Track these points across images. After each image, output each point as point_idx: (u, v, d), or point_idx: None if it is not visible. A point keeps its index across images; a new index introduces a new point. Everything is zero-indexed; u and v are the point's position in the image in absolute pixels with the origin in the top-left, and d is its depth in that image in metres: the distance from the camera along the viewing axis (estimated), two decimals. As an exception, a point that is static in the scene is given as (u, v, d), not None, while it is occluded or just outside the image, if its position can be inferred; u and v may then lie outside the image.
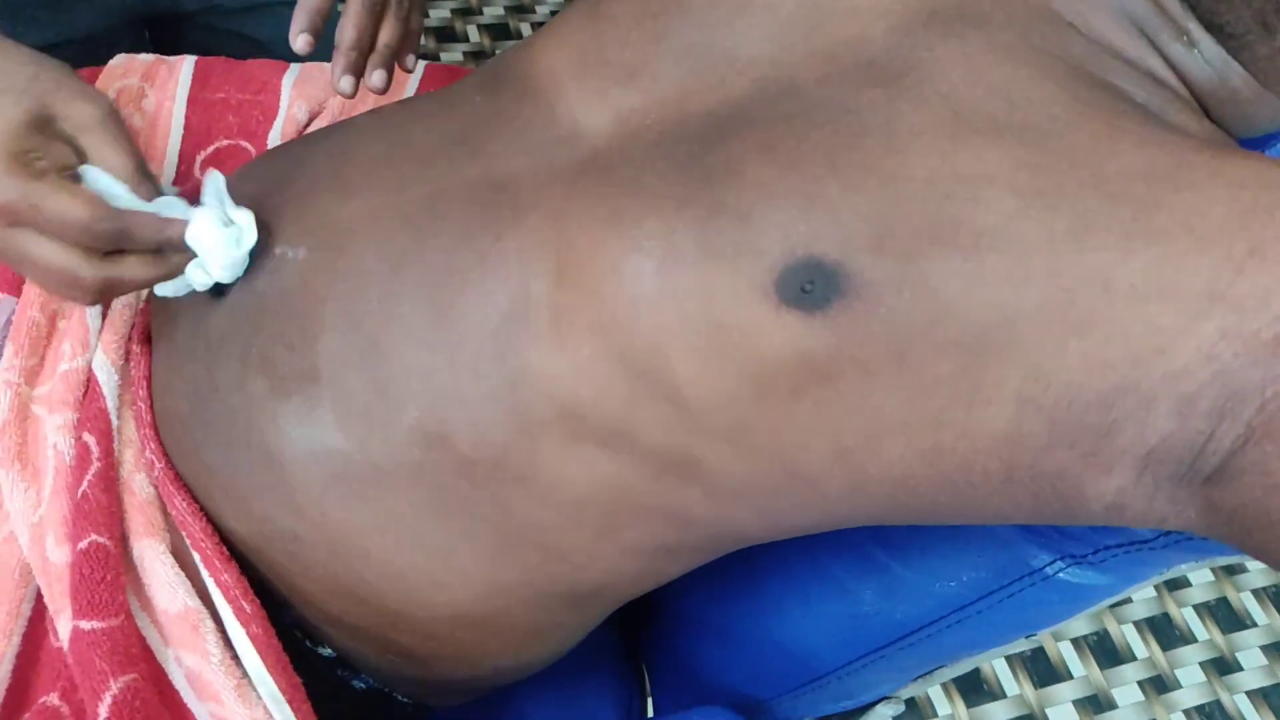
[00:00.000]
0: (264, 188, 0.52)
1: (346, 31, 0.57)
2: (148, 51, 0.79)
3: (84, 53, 0.82)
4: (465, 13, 2.07)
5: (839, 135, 0.41)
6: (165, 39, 0.91)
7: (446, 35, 2.02)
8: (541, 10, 2.10)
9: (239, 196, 0.50)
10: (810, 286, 0.39)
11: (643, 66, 0.47)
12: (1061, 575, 0.52)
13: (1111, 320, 0.37)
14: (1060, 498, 0.41)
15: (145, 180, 0.47)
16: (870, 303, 0.39)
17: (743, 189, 0.41)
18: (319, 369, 0.46)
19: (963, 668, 0.61)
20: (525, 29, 2.06)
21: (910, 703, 1.31)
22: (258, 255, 0.49)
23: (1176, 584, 1.47)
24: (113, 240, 0.46)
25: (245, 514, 0.49)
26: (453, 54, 1.98)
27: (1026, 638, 0.57)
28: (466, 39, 2.02)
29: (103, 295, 0.47)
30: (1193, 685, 1.37)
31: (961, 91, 0.41)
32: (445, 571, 0.48)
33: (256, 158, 0.58)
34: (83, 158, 0.47)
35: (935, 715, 1.31)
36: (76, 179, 0.46)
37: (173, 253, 0.48)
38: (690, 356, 0.41)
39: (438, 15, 2.05)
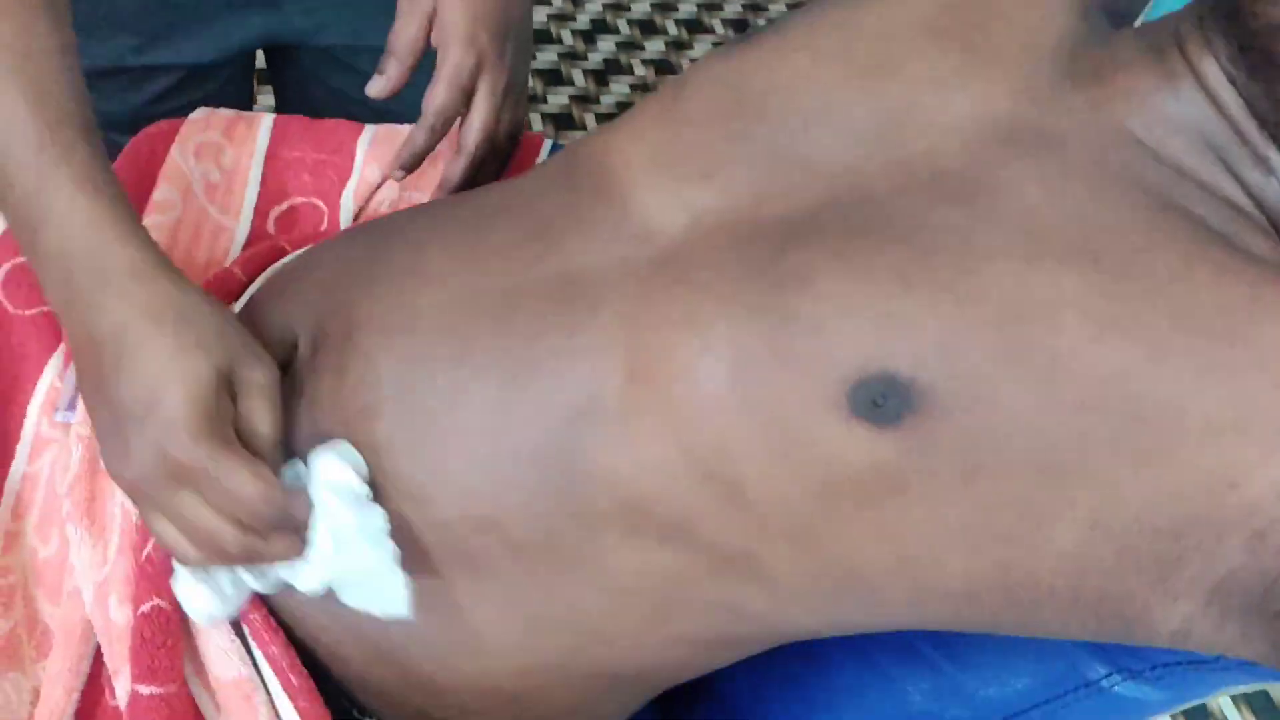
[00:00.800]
0: (337, 272, 0.52)
1: (426, 118, 0.60)
2: (254, 75, 0.81)
3: (196, 76, 0.84)
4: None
5: (913, 250, 0.41)
6: (277, 61, 0.92)
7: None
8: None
9: (313, 277, 0.51)
10: (883, 401, 0.39)
11: (718, 168, 0.47)
12: (1117, 689, 0.51)
13: (1185, 451, 0.37)
14: (1125, 621, 0.41)
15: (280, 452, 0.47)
16: (941, 419, 0.39)
17: (816, 299, 0.41)
18: (376, 447, 0.47)
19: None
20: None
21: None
22: (323, 336, 0.50)
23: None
24: (270, 524, 0.44)
25: (292, 596, 0.49)
26: None
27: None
28: None
29: (238, 563, 0.46)
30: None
31: (1037, 213, 0.41)
32: (483, 649, 0.49)
33: (329, 240, 0.59)
34: (237, 420, 0.45)
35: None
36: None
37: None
38: (757, 460, 0.42)
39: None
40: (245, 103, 0.95)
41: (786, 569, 0.44)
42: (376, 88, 0.63)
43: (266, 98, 1.04)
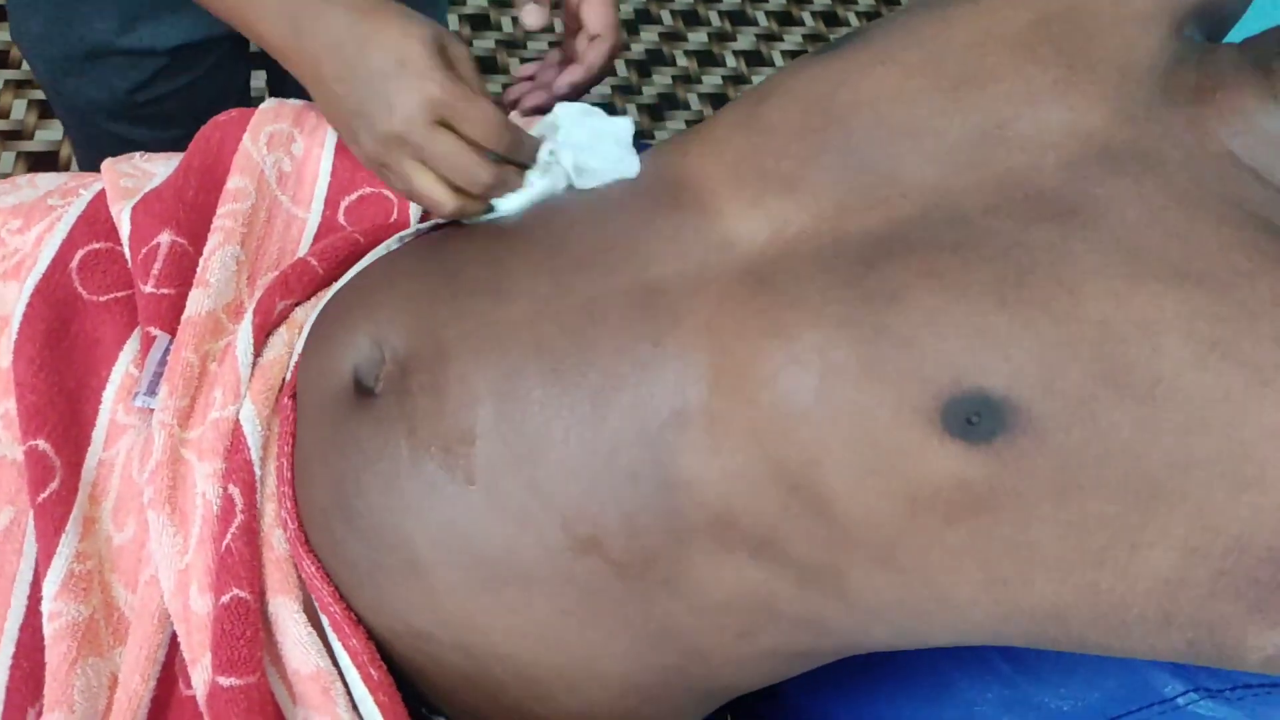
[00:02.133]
0: (419, 288, 0.52)
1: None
2: (247, 56, 0.82)
3: (183, 59, 0.84)
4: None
5: (1008, 269, 0.40)
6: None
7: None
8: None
9: (397, 291, 0.51)
10: (976, 419, 0.39)
11: (801, 180, 0.47)
12: (1193, 708, 0.51)
13: None
14: (1216, 646, 0.40)
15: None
16: (1036, 440, 0.39)
17: (908, 314, 0.41)
18: (474, 472, 0.46)
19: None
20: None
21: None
22: (412, 357, 0.50)
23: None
24: (510, 147, 0.53)
25: (378, 608, 0.50)
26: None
27: (1144, 763, 0.56)
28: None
29: (492, 193, 0.54)
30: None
31: (1137, 233, 0.40)
32: (583, 673, 0.48)
33: (405, 247, 0.59)
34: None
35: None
36: None
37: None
38: (845, 473, 0.41)
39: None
40: (241, 85, 0.96)
41: (871, 585, 0.43)
42: (533, 17, 0.65)
43: (258, 80, 1.04)
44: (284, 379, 0.57)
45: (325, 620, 0.50)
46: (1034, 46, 0.47)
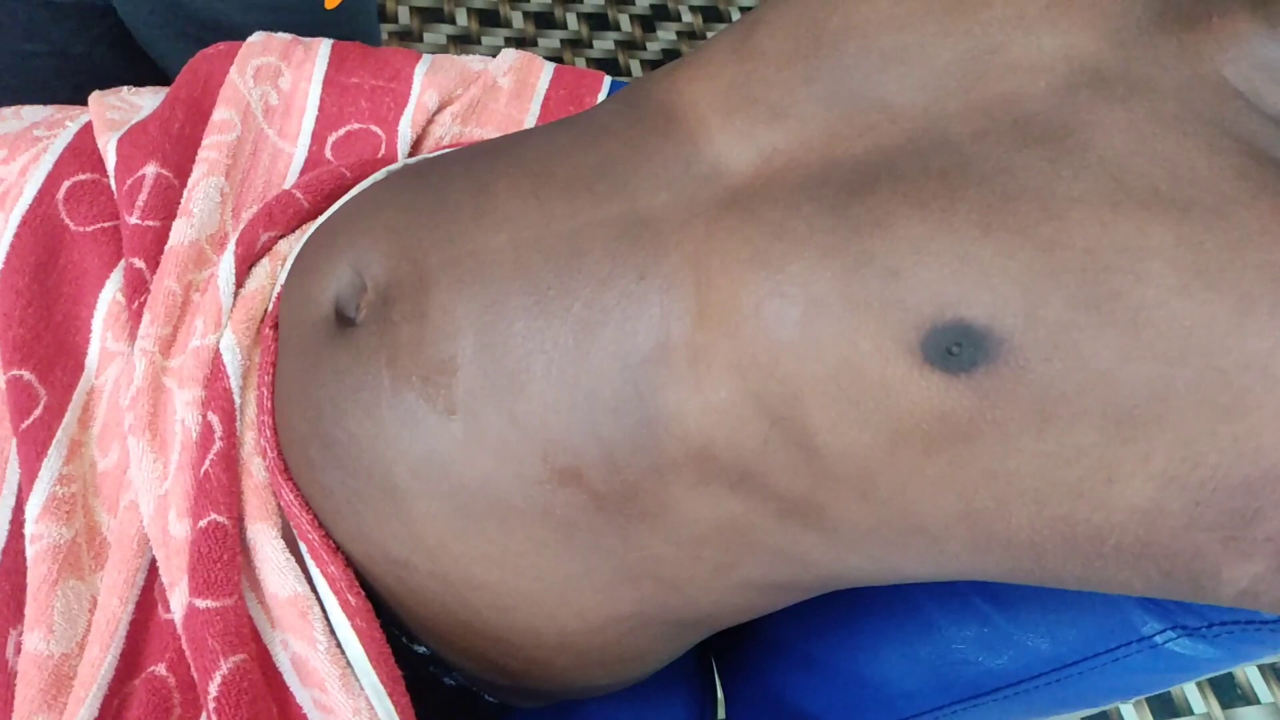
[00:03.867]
0: (403, 215, 0.52)
1: None
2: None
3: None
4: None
5: (994, 195, 0.40)
6: None
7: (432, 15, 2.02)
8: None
9: (379, 219, 0.50)
10: (958, 349, 0.39)
11: (790, 107, 0.46)
12: (1171, 645, 0.51)
13: (1266, 406, 0.36)
14: (1192, 579, 0.40)
15: None
16: (1018, 369, 0.38)
17: (892, 242, 0.40)
18: (455, 402, 0.46)
19: None
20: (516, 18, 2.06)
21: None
22: (394, 286, 0.49)
23: (1242, 642, 1.44)
24: None
25: (357, 536, 0.50)
26: (438, 35, 1.98)
27: (1120, 703, 0.57)
28: (453, 20, 2.01)
29: None
30: (1252, 748, 1.34)
31: (1125, 159, 0.40)
32: (560, 604, 0.49)
33: (390, 176, 0.58)
34: None
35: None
36: None
37: None
38: (826, 405, 0.41)
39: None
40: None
41: (850, 517, 0.43)
42: None
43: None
44: (266, 309, 0.57)
45: (304, 547, 0.50)
46: None
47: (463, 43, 1.98)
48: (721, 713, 0.76)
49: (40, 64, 0.88)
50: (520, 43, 2.02)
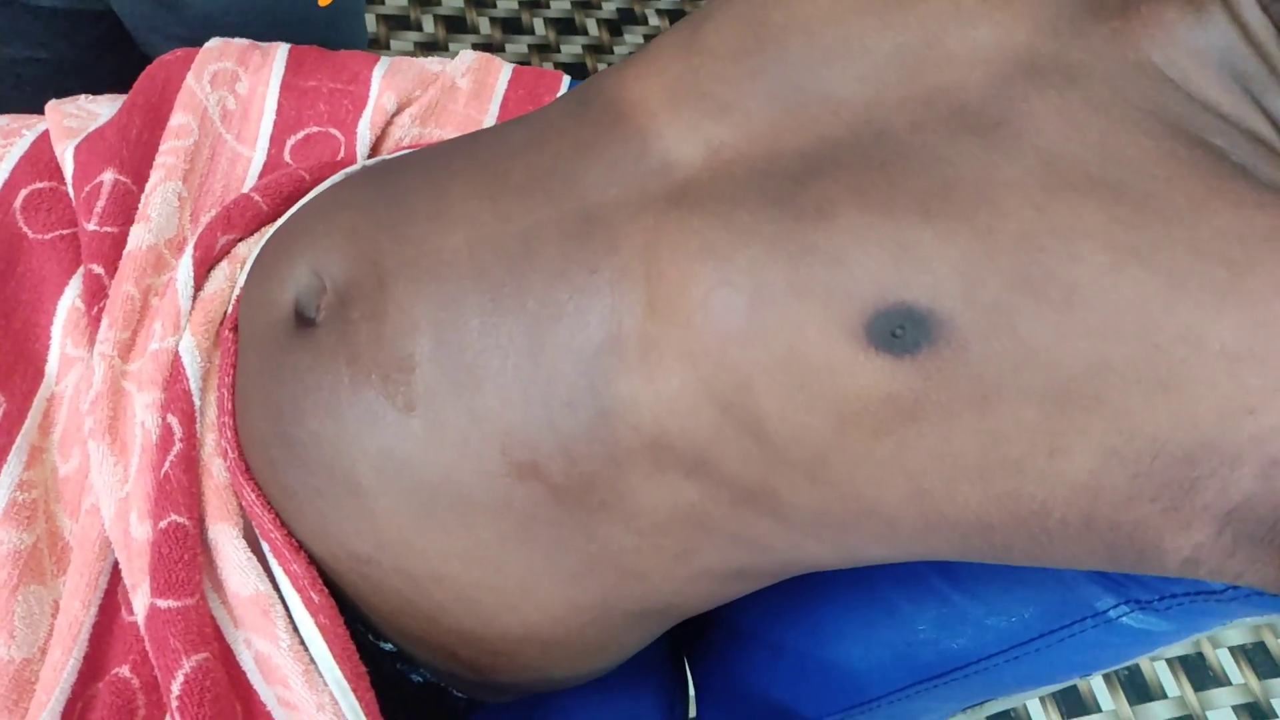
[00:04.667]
0: (361, 216, 0.52)
1: None
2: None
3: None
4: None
5: (933, 183, 0.41)
6: None
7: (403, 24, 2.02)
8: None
9: (338, 221, 0.50)
10: (901, 332, 0.40)
11: (736, 101, 0.47)
12: (1124, 620, 0.52)
13: (1201, 378, 0.37)
14: (1136, 550, 0.41)
15: None
16: (959, 349, 0.39)
17: (835, 231, 0.41)
18: (414, 399, 0.47)
19: (1011, 702, 0.61)
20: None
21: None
22: (353, 286, 0.49)
23: (1213, 625, 1.46)
24: None
25: (319, 534, 0.50)
26: (404, 43, 1.98)
27: (1080, 678, 0.57)
28: (420, 28, 2.02)
29: None
30: (1225, 728, 1.36)
31: (1057, 145, 0.41)
32: (522, 596, 0.49)
33: (348, 177, 0.58)
34: None
35: (962, 739, 1.30)
36: None
37: None
38: (775, 391, 0.42)
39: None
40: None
41: (803, 501, 0.44)
42: None
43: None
44: (225, 312, 0.57)
45: (266, 546, 0.50)
46: None
47: (430, 49, 1.98)
48: (693, 709, 0.76)
49: (32, 70, 0.88)
50: (488, 48, 2.03)
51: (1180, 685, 1.39)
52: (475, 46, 2.00)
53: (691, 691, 0.75)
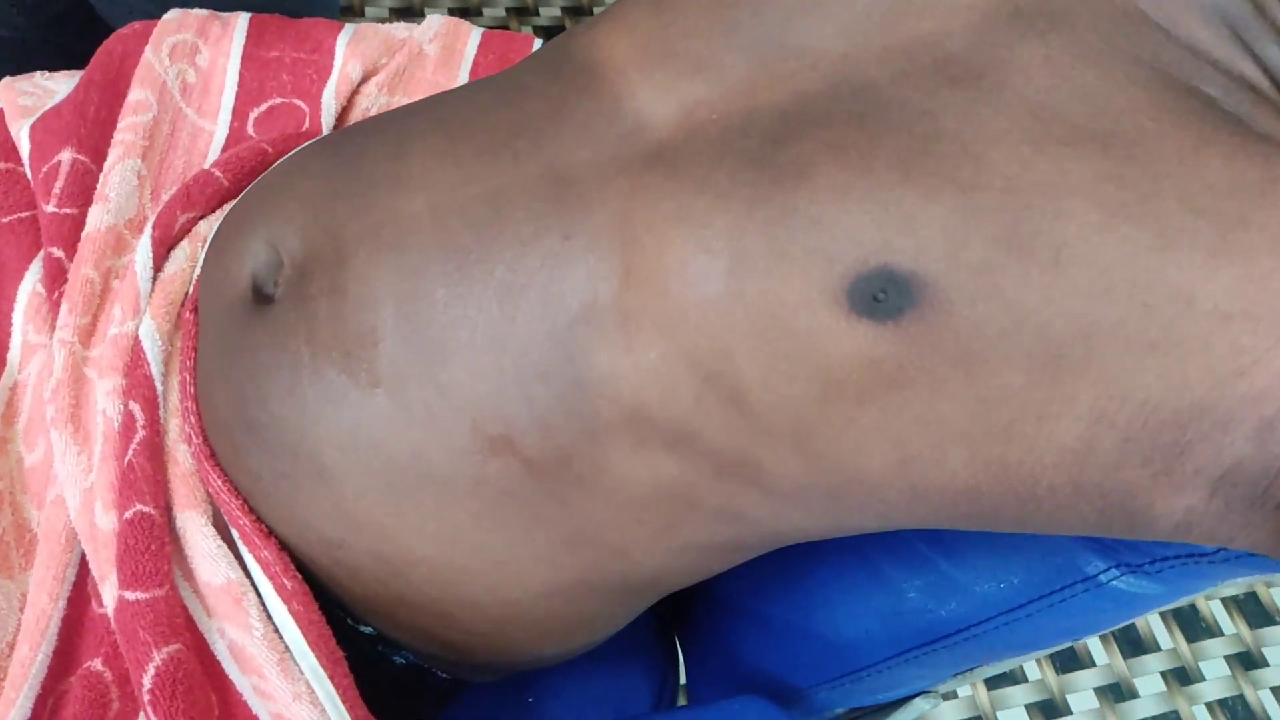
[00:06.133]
0: (318, 186, 0.50)
1: None
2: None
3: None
4: (510, -35, 2.04)
5: (914, 139, 0.39)
6: None
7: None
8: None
9: (294, 192, 0.48)
10: (883, 296, 0.38)
11: (710, 58, 0.45)
12: (1115, 583, 0.51)
13: (1192, 338, 0.36)
14: (1127, 515, 0.40)
15: None
16: (943, 313, 0.38)
17: (814, 192, 0.39)
18: (378, 375, 0.45)
19: (1003, 666, 0.61)
20: None
21: (932, 683, 1.31)
22: (310, 259, 0.48)
23: (1206, 576, 1.46)
24: None
25: (288, 518, 0.49)
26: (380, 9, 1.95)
27: (1071, 643, 0.57)
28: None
29: None
30: (1217, 678, 1.36)
31: (1043, 95, 0.39)
32: (500, 575, 0.48)
33: (306, 147, 0.56)
34: None
35: (955, 696, 1.31)
36: None
37: None
38: (757, 360, 0.40)
39: (482, -34, 2.02)
40: None
41: (787, 472, 0.43)
42: None
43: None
44: (187, 292, 0.56)
45: (235, 533, 0.49)
46: None
47: (406, 15, 1.95)
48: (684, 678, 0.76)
49: None
50: (464, 13, 1.99)
51: (1173, 638, 1.39)
52: (451, 11, 1.97)
53: (681, 663, 0.74)
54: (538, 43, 0.77)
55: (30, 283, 0.57)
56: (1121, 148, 0.37)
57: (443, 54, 0.73)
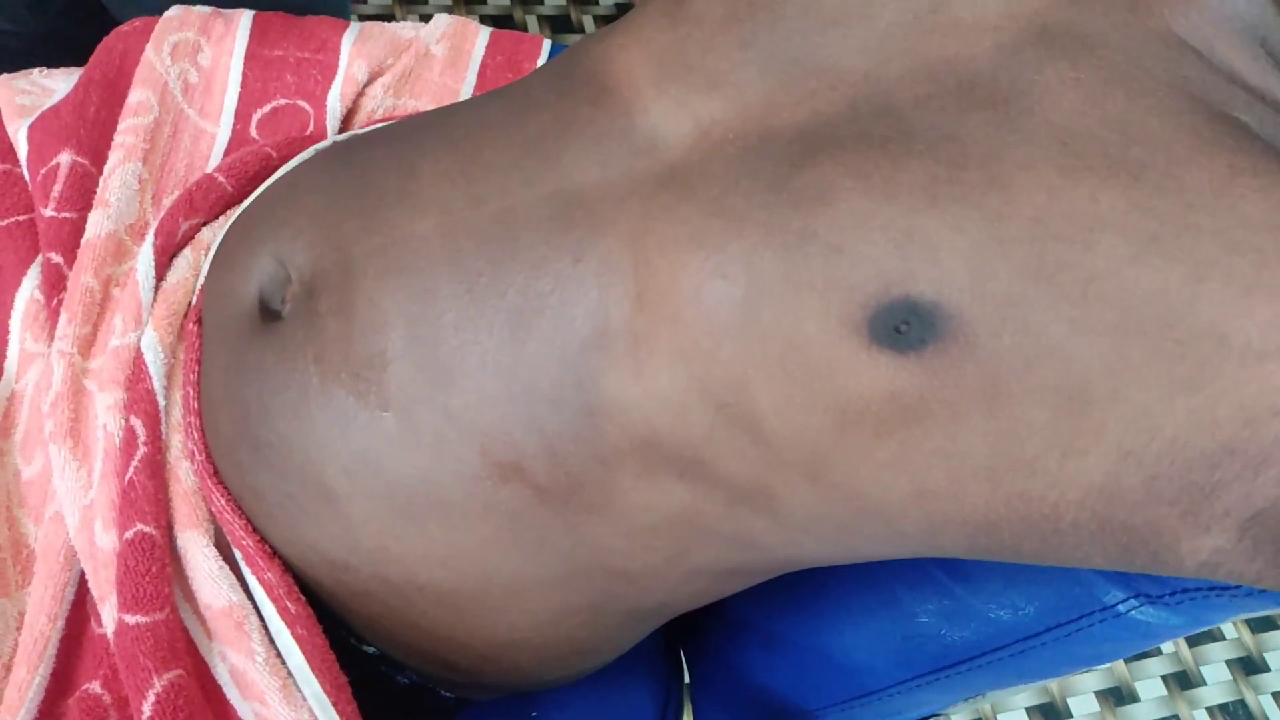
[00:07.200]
0: (327, 201, 0.49)
1: None
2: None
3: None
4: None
5: (939, 165, 0.38)
6: None
7: (494, -26, 1.97)
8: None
9: (302, 206, 0.47)
10: (905, 328, 0.37)
11: (727, 74, 0.44)
12: (1134, 614, 0.50)
13: (1224, 377, 0.35)
14: (1151, 553, 0.39)
15: None
16: (967, 346, 0.37)
17: (835, 218, 0.38)
18: (387, 398, 0.44)
19: (1014, 692, 0.60)
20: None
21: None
22: (319, 276, 0.46)
23: (1208, 580, 1.46)
24: None
25: (293, 540, 0.47)
26: None
27: (1085, 671, 0.56)
28: None
29: None
30: (1218, 683, 1.36)
31: (1073, 121, 0.38)
32: (508, 602, 0.47)
33: (313, 156, 0.55)
34: None
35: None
36: None
37: None
38: (772, 389, 0.39)
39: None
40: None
41: (801, 501, 0.42)
42: None
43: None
44: (190, 303, 0.54)
45: (238, 554, 0.48)
46: None
47: (408, 4, 1.93)
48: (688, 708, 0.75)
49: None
50: (469, 1, 1.97)
51: (1175, 641, 1.39)
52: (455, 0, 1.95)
53: (687, 683, 0.73)
54: (547, 44, 0.75)
55: (28, 289, 0.56)
56: (1154, 177, 0.36)
57: (450, 55, 0.71)
